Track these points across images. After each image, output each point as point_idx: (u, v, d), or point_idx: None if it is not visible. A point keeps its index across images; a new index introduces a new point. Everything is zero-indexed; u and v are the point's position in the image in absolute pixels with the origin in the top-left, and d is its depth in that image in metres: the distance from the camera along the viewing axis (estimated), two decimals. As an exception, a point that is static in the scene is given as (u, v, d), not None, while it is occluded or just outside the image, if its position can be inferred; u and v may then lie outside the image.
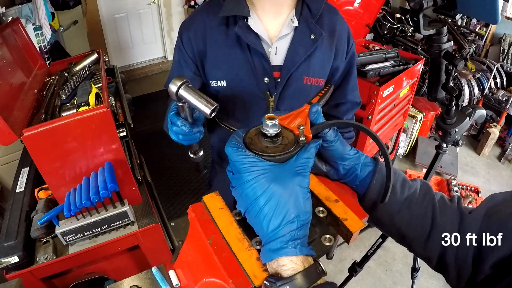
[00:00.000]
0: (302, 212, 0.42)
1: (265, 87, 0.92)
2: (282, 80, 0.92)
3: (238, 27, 0.86)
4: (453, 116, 1.08)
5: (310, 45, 0.91)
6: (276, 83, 0.92)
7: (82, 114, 1.16)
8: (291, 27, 0.90)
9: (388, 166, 0.51)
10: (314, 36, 0.90)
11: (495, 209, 0.53)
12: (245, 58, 0.90)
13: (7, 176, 1.95)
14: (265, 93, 0.93)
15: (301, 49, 0.91)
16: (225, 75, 0.93)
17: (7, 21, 1.77)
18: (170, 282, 0.62)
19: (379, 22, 3.62)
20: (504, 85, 3.30)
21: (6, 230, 1.26)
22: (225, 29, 0.90)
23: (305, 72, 0.93)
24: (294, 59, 0.91)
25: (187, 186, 2.81)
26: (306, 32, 0.91)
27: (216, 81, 0.93)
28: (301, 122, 0.51)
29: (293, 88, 0.94)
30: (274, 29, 0.92)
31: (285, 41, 0.91)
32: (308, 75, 0.94)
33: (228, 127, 1.02)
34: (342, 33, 0.97)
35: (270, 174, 0.43)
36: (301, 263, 0.41)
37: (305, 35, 0.91)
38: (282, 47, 0.92)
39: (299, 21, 0.90)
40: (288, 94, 0.94)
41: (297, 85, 0.94)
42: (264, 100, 0.94)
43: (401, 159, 3.16)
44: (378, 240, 1.51)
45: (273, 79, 0.92)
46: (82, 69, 1.67)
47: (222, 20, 0.89)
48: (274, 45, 0.91)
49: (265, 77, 0.91)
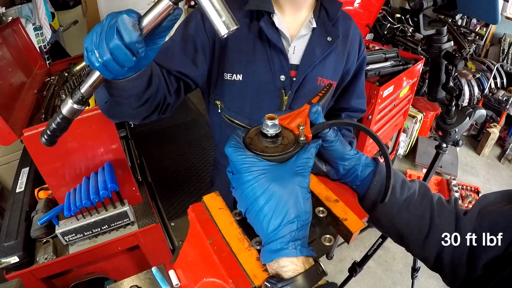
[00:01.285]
0: (302, 212, 0.42)
1: (280, 85, 0.93)
2: (298, 79, 0.93)
3: (263, 21, 0.87)
4: (453, 116, 1.08)
5: (327, 46, 0.92)
6: (291, 81, 0.93)
7: (82, 114, 1.15)
8: (309, 28, 0.92)
9: (388, 166, 0.51)
10: (331, 38, 0.92)
11: (487, 209, 0.53)
12: (265, 53, 0.90)
13: (7, 176, 1.95)
14: (280, 91, 0.94)
15: (318, 50, 0.92)
16: (243, 68, 0.92)
17: (7, 21, 1.77)
18: (170, 282, 0.62)
19: (379, 22, 3.62)
20: (504, 85, 3.30)
21: (6, 230, 1.26)
22: (248, 22, 0.90)
23: (319, 73, 0.94)
24: (310, 59, 0.92)
25: (187, 186, 2.81)
26: (323, 34, 0.92)
27: (232, 74, 0.93)
28: (301, 122, 0.51)
29: (307, 88, 0.95)
30: (293, 28, 0.93)
31: (303, 41, 0.93)
32: (322, 76, 0.95)
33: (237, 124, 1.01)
34: (355, 38, 1.00)
35: (270, 174, 0.43)
36: (301, 264, 0.41)
37: (322, 37, 0.92)
38: (300, 47, 0.93)
39: (317, 23, 0.92)
40: (302, 93, 0.95)
41: (311, 86, 0.95)
42: (278, 97, 0.94)
43: (401, 159, 3.16)
44: (378, 240, 1.51)
45: (289, 78, 0.93)
46: (82, 69, 1.67)
47: (246, 14, 0.90)
48: (292, 44, 0.92)
49: (282, 75, 0.92)
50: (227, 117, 1.01)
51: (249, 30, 0.90)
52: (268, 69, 0.91)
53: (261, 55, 0.90)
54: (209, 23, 0.83)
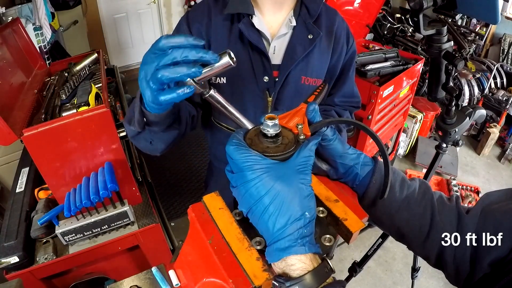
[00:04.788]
0: (307, 209, 0.42)
1: (264, 86, 0.92)
2: (280, 79, 0.92)
3: (242, 23, 0.87)
4: (453, 116, 1.08)
5: (308, 44, 0.91)
6: (274, 82, 0.93)
7: (82, 114, 1.16)
8: (289, 26, 0.91)
9: (386, 162, 0.51)
10: (312, 36, 0.91)
11: (490, 208, 0.53)
12: (247, 55, 0.90)
13: (7, 176, 1.95)
14: (264, 92, 0.93)
15: (299, 49, 0.91)
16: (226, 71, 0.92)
17: (7, 21, 1.77)
18: (170, 282, 0.62)
19: (379, 22, 3.62)
20: (504, 85, 3.30)
21: (6, 230, 1.26)
22: (229, 25, 0.90)
23: (303, 71, 0.94)
24: (292, 58, 0.91)
25: (187, 186, 2.81)
26: (304, 32, 0.91)
27: (216, 77, 0.93)
28: (299, 121, 0.51)
29: (291, 88, 0.94)
30: (274, 28, 0.92)
31: (283, 41, 0.92)
32: (306, 75, 0.94)
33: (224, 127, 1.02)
34: (341, 32, 0.98)
35: (273, 172, 0.42)
36: (310, 261, 0.41)
37: (303, 35, 0.91)
38: (280, 47, 0.92)
39: (297, 21, 0.91)
40: (286, 93, 0.94)
41: (295, 85, 0.94)
42: (262, 99, 0.94)
43: (401, 159, 3.16)
44: (378, 240, 1.51)
45: (272, 78, 0.92)
46: (82, 69, 1.67)
47: (227, 17, 0.90)
48: (272, 44, 0.92)
49: (265, 76, 0.91)
50: (216, 121, 1.01)
51: (230, 33, 0.90)
52: (250, 71, 0.91)
53: (243, 57, 0.90)
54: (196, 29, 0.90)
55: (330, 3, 2.17)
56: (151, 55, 0.51)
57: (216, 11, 0.90)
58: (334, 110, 1.06)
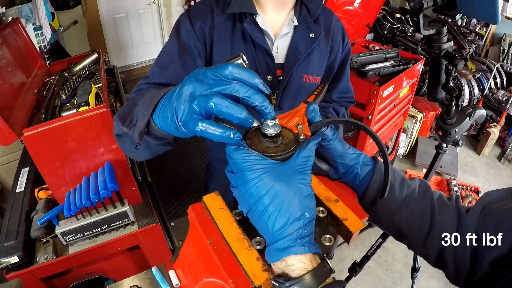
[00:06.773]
0: (307, 209, 0.42)
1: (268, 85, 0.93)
2: (284, 77, 0.93)
3: (246, 23, 0.88)
4: (453, 116, 1.08)
5: (310, 43, 0.93)
6: (278, 81, 0.93)
7: (82, 114, 1.16)
8: (291, 25, 0.92)
9: (386, 161, 0.51)
10: (314, 34, 0.93)
11: (490, 207, 0.53)
12: (250, 54, 0.90)
13: (7, 176, 1.95)
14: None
15: (302, 47, 0.92)
16: None
17: (7, 21, 1.77)
18: (170, 282, 0.62)
19: (379, 22, 3.62)
20: (504, 85, 3.30)
21: (6, 230, 1.26)
22: (231, 25, 0.90)
23: (304, 70, 0.95)
24: (295, 57, 0.92)
25: (187, 186, 2.81)
26: (305, 31, 0.93)
27: None
28: (299, 121, 0.51)
29: (294, 86, 0.95)
30: (276, 27, 0.93)
31: (285, 40, 0.93)
32: (307, 73, 0.96)
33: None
34: (337, 32, 1.00)
35: (273, 172, 0.42)
36: (309, 262, 0.41)
37: (304, 34, 0.93)
38: (283, 46, 0.93)
39: (298, 21, 0.92)
40: (289, 92, 0.95)
41: (297, 83, 0.95)
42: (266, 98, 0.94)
43: (401, 159, 3.16)
44: (378, 240, 1.51)
45: (276, 77, 0.93)
46: (82, 69, 1.67)
47: (229, 17, 0.90)
48: (276, 43, 0.92)
49: (269, 75, 0.92)
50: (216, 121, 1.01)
51: (233, 32, 0.90)
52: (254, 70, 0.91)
53: (247, 56, 0.90)
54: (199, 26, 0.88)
55: (330, 3, 2.17)
56: (209, 75, 0.44)
57: (218, 11, 0.91)
58: (331, 106, 1.07)
